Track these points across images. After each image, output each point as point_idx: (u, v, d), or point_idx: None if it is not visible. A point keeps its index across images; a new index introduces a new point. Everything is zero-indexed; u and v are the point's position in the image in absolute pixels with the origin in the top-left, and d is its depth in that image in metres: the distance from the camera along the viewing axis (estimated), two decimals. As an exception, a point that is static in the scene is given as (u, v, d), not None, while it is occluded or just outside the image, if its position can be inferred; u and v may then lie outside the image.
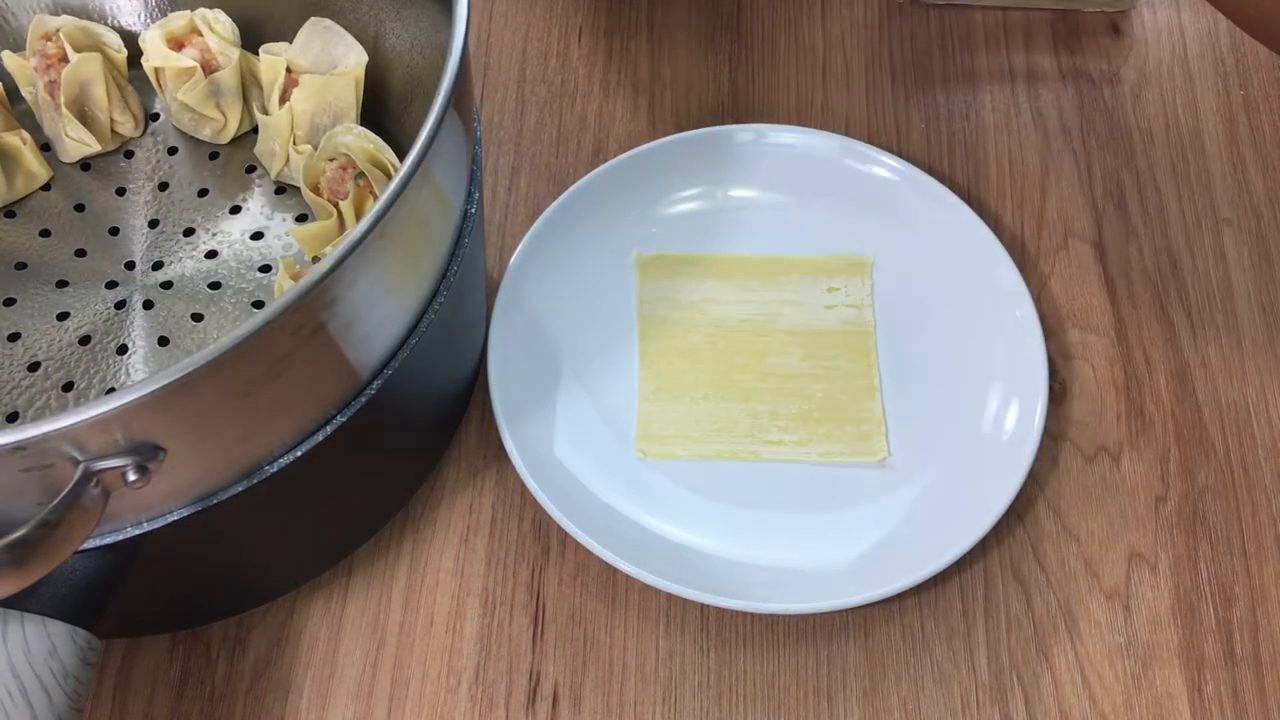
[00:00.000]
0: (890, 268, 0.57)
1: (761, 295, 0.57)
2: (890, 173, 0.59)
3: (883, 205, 0.58)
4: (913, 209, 0.58)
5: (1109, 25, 0.67)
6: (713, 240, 0.58)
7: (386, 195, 0.36)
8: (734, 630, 0.50)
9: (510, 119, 0.64)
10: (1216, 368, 0.56)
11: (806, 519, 0.52)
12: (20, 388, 0.48)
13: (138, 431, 0.34)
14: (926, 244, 0.57)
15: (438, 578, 0.52)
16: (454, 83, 0.38)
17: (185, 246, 0.52)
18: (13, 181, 0.53)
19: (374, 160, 0.49)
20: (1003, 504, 0.50)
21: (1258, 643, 0.50)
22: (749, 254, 0.58)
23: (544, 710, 0.49)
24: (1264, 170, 0.62)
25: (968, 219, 0.57)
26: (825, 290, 0.56)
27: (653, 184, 0.59)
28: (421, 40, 0.51)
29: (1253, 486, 0.53)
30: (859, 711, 0.49)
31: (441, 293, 0.44)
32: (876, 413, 0.54)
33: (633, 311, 0.57)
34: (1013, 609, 0.51)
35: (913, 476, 0.52)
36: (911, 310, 0.56)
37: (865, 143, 0.59)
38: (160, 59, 0.53)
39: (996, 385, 0.54)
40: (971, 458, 0.52)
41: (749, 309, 0.56)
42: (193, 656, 0.50)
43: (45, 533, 0.34)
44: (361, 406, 0.42)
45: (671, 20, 0.67)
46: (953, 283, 0.57)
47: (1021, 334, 0.54)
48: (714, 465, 0.53)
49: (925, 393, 0.54)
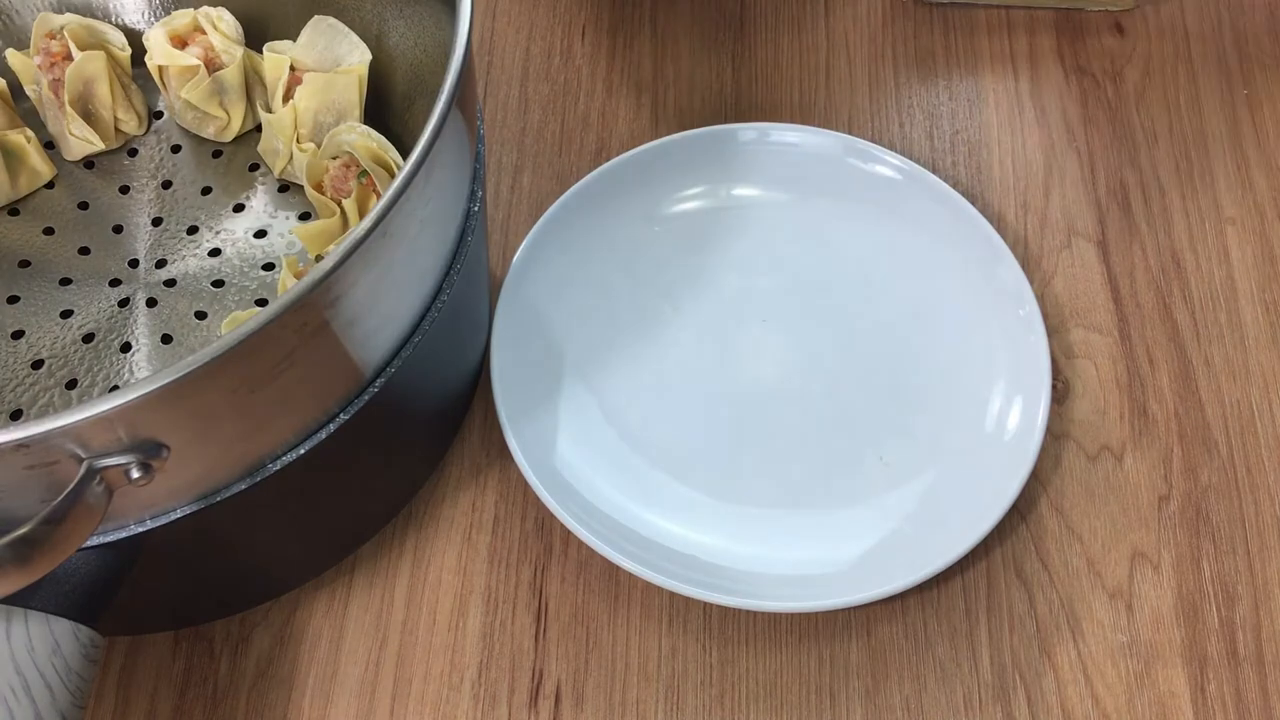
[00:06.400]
0: (893, 266, 0.57)
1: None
2: (893, 171, 0.59)
3: (886, 204, 0.58)
4: (916, 208, 0.58)
5: (1112, 24, 0.67)
6: (715, 239, 0.58)
7: (390, 193, 0.36)
8: (736, 629, 0.50)
9: (513, 117, 0.64)
10: (1220, 367, 0.56)
11: (809, 517, 0.52)
12: (24, 385, 0.48)
13: (141, 429, 0.34)
14: (929, 243, 0.57)
15: (440, 576, 0.52)
16: (457, 81, 0.38)
17: (189, 244, 0.52)
18: (16, 179, 0.53)
19: (377, 158, 0.50)
20: (1005, 503, 0.50)
21: (1260, 642, 0.50)
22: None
23: (546, 708, 0.49)
24: (1268, 169, 0.61)
25: (971, 218, 0.57)
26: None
27: (656, 183, 0.59)
28: (425, 38, 0.51)
29: (1256, 486, 0.53)
30: (861, 710, 0.49)
31: (444, 291, 0.44)
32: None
33: (634, 310, 0.57)
34: (1015, 608, 0.51)
35: (916, 475, 0.52)
36: (914, 309, 0.56)
37: (868, 141, 0.59)
38: (164, 57, 0.53)
39: (999, 384, 0.54)
40: (974, 456, 0.52)
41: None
42: (196, 654, 0.50)
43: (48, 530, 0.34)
44: (364, 405, 0.42)
45: (675, 19, 0.67)
46: (955, 281, 0.56)
47: (1024, 333, 0.54)
48: (716, 464, 0.53)
49: (928, 391, 0.54)
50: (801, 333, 0.56)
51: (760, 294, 0.57)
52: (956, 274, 0.57)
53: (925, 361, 0.55)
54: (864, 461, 0.53)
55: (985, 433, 0.53)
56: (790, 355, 0.56)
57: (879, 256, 0.58)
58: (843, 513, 0.52)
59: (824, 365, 0.55)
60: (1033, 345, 0.54)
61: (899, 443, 0.53)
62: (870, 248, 0.58)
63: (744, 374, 0.55)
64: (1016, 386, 0.53)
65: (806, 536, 0.51)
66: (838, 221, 0.59)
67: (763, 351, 0.56)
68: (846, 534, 0.51)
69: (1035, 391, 0.52)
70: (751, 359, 0.56)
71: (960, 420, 0.53)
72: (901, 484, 0.52)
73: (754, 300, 0.57)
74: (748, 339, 0.56)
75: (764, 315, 0.57)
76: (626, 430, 0.54)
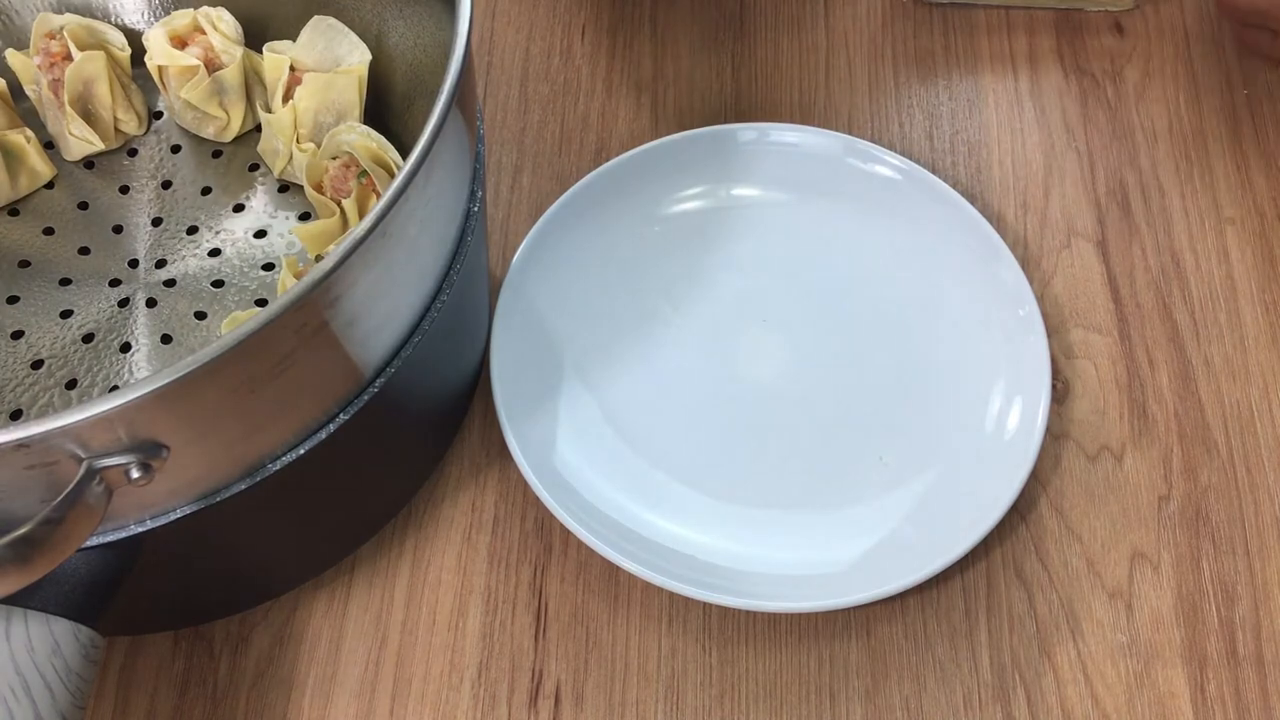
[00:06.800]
0: (893, 266, 0.57)
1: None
2: (893, 171, 0.59)
3: (885, 204, 0.58)
4: (915, 208, 0.58)
5: (1112, 24, 0.67)
6: (715, 239, 0.58)
7: (389, 194, 0.36)
8: (736, 629, 0.50)
9: (513, 117, 0.64)
10: (1219, 367, 0.56)
11: (809, 517, 0.52)
12: (24, 385, 0.48)
13: (141, 429, 0.34)
14: (929, 243, 0.57)
15: (440, 576, 0.52)
16: (457, 81, 0.38)
17: (188, 244, 0.52)
18: (16, 179, 0.53)
19: (377, 159, 0.50)
20: (1005, 503, 0.50)
21: (1260, 642, 0.50)
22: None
23: (546, 708, 0.49)
24: (1267, 169, 0.61)
25: (970, 218, 0.57)
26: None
27: (655, 183, 0.59)
28: (425, 38, 0.51)
29: (1255, 486, 0.53)
30: (861, 710, 0.49)
31: (444, 291, 0.44)
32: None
33: (634, 310, 0.57)
34: (1015, 608, 0.51)
35: (915, 475, 0.52)
36: (914, 309, 0.56)
37: (868, 141, 0.59)
38: (164, 57, 0.53)
39: (999, 384, 0.54)
40: (974, 456, 0.52)
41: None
42: (195, 654, 0.50)
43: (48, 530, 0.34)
44: (364, 405, 0.42)
45: (674, 18, 0.67)
46: (955, 282, 0.57)
47: (1024, 333, 0.54)
48: (716, 464, 0.53)
49: (928, 391, 0.54)
50: (801, 333, 0.56)
51: (760, 294, 0.57)
52: (956, 274, 0.57)
53: (925, 361, 0.55)
54: (864, 461, 0.53)
55: (985, 433, 0.53)
56: (790, 355, 0.56)
57: (879, 256, 0.58)
58: (843, 513, 0.52)
59: (824, 365, 0.55)
60: (1033, 345, 0.54)
61: (899, 443, 0.53)
62: (870, 248, 0.58)
63: (744, 374, 0.55)
64: (1016, 386, 0.53)
65: (806, 536, 0.51)
66: (838, 221, 0.59)
67: (762, 351, 0.56)
68: (846, 534, 0.51)
69: (1035, 392, 0.52)
70: (751, 359, 0.56)
71: (960, 420, 0.53)
72: (901, 484, 0.52)
73: (754, 300, 0.57)
74: (748, 339, 0.56)
75: (764, 315, 0.57)
76: (626, 430, 0.54)
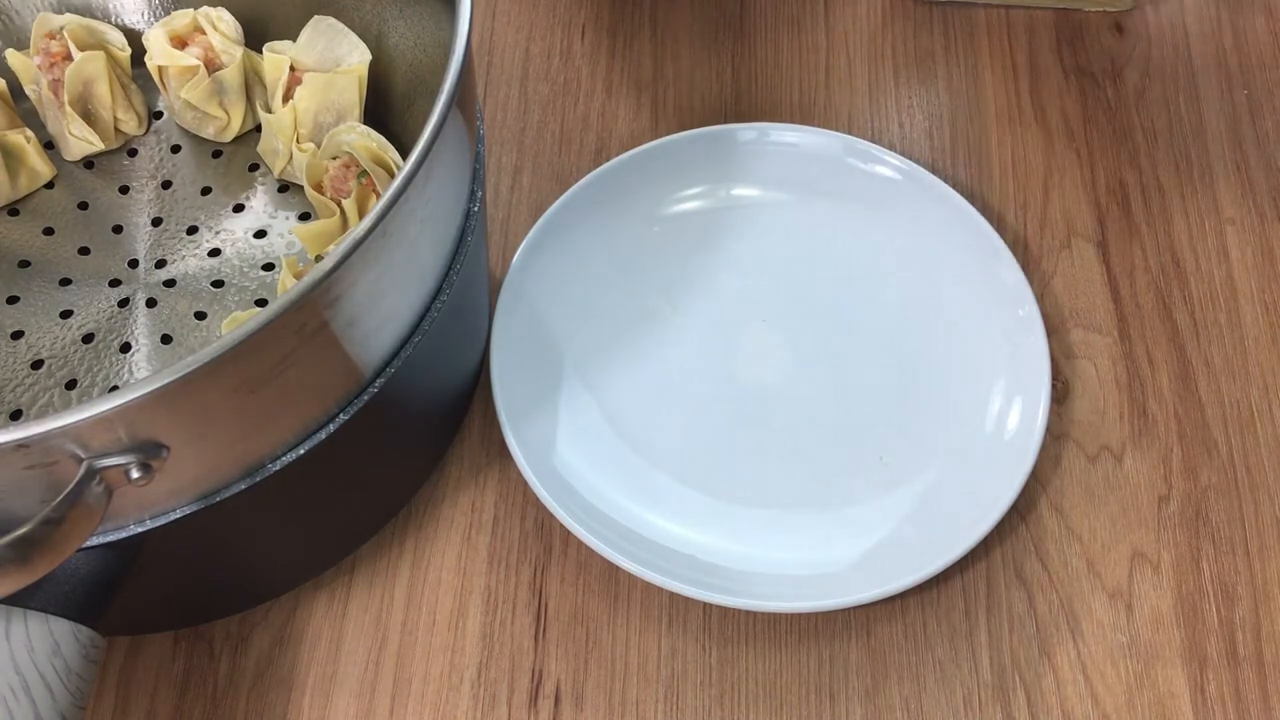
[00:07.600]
0: (893, 266, 0.57)
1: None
2: (893, 172, 0.59)
3: (885, 204, 0.58)
4: (915, 208, 0.58)
5: (1112, 24, 0.67)
6: (715, 239, 0.59)
7: (389, 194, 0.36)
8: (736, 629, 0.50)
9: (513, 117, 0.64)
10: (1219, 367, 0.56)
11: (809, 517, 0.52)
12: (24, 385, 0.48)
13: (141, 429, 0.34)
14: (929, 243, 0.57)
15: (440, 576, 0.52)
16: (457, 81, 0.38)
17: (188, 244, 0.52)
18: (16, 179, 0.53)
19: (377, 159, 0.50)
20: (1005, 503, 0.50)
21: (1260, 642, 0.50)
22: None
23: (546, 708, 0.49)
24: (1267, 169, 0.61)
25: (970, 218, 0.57)
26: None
27: (655, 183, 0.59)
28: (425, 38, 0.51)
29: (1255, 486, 0.53)
30: (861, 710, 0.49)
31: (444, 291, 0.44)
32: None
33: (634, 310, 0.57)
34: (1015, 608, 0.51)
35: (915, 475, 0.52)
36: (914, 309, 0.56)
37: (868, 141, 0.59)
38: (164, 57, 0.53)
39: (999, 384, 0.54)
40: (974, 457, 0.52)
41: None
42: (195, 654, 0.50)
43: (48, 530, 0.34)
44: (364, 405, 0.42)
45: (674, 18, 0.67)
46: (955, 282, 0.57)
47: (1024, 333, 0.54)
48: (716, 464, 0.53)
49: (927, 392, 0.54)
50: (801, 333, 0.56)
51: (760, 294, 0.57)
52: (956, 274, 0.57)
53: (925, 361, 0.55)
54: (864, 461, 0.53)
55: (985, 433, 0.53)
56: (790, 355, 0.56)
57: (879, 256, 0.58)
58: (843, 513, 0.52)
59: (823, 365, 0.55)
60: (1033, 345, 0.54)
61: (899, 443, 0.53)
62: (870, 248, 0.58)
63: (744, 374, 0.55)
64: (1016, 387, 0.53)
65: (806, 536, 0.51)
66: (838, 221, 0.59)
67: (762, 351, 0.56)
68: (846, 534, 0.51)
69: (1035, 392, 0.52)
70: (751, 359, 0.56)
71: (960, 420, 0.53)
72: (901, 484, 0.52)
73: (754, 300, 0.57)
74: (748, 339, 0.56)
75: (764, 315, 0.57)
76: (626, 430, 0.54)
